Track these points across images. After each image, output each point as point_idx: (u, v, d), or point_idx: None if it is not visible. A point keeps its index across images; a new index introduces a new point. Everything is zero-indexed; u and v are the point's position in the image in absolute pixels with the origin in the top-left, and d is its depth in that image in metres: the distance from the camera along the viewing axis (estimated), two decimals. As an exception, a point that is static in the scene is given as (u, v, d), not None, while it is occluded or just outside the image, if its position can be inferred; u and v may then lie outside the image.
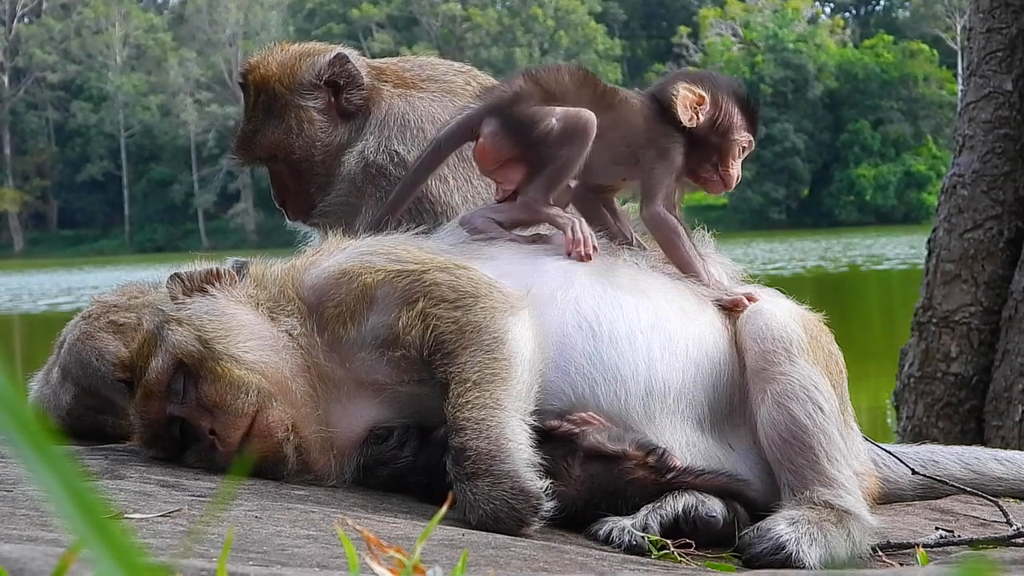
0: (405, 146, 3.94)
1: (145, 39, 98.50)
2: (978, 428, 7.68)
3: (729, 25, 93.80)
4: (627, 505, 3.13)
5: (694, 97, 3.65)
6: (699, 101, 3.65)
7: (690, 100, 3.64)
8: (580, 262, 3.40)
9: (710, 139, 3.67)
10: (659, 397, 3.24)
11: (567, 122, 3.49)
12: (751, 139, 3.76)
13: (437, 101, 4.04)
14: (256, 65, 4.13)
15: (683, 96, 3.64)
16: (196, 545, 2.30)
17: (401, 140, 3.95)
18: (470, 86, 4.12)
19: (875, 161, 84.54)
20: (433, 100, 4.04)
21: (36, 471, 0.77)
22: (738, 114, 3.71)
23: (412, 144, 3.94)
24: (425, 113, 4.00)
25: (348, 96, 4.05)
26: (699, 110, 3.65)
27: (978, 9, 8.00)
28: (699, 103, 3.65)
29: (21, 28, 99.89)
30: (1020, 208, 7.82)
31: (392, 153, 3.93)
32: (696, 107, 3.65)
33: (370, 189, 3.94)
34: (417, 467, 3.19)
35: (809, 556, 2.96)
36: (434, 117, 3.97)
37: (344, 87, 4.04)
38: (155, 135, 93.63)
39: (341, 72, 4.04)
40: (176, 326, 3.20)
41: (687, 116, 3.63)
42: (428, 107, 4.01)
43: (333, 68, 4.04)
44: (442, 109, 4.00)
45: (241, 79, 4.20)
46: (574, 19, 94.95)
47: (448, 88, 4.10)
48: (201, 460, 3.20)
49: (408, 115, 3.99)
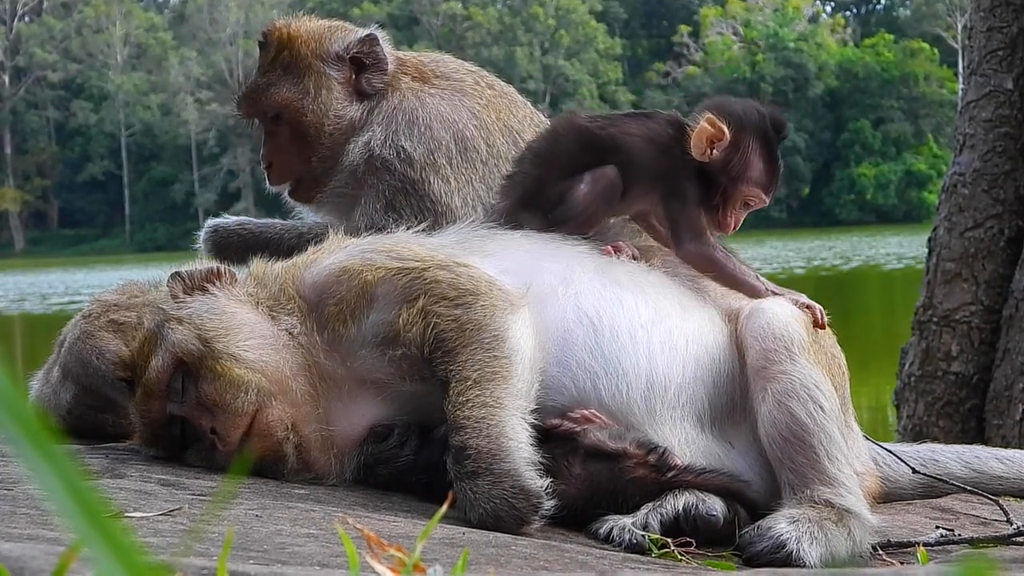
0: (411, 142, 3.94)
1: (146, 38, 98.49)
2: (978, 427, 7.67)
3: (730, 24, 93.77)
4: (627, 504, 3.13)
5: (714, 131, 3.51)
6: (718, 136, 3.51)
7: (708, 134, 3.51)
8: (580, 259, 3.41)
9: (719, 178, 3.54)
10: (660, 392, 3.24)
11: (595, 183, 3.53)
12: (762, 197, 3.60)
13: (447, 100, 4.04)
14: (283, 26, 4.12)
15: (702, 127, 3.52)
16: (196, 544, 2.30)
17: (408, 136, 3.95)
18: (479, 86, 4.13)
19: (876, 160, 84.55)
20: (443, 98, 4.04)
21: (37, 470, 0.77)
22: (757, 165, 3.55)
23: (418, 141, 3.94)
24: (434, 111, 4.00)
25: (369, 77, 4.05)
26: (716, 145, 3.52)
27: (979, 8, 7.99)
28: (718, 138, 3.51)
29: (22, 27, 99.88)
30: (1021, 207, 7.81)
31: (399, 148, 3.93)
32: (714, 142, 3.52)
33: (371, 180, 3.94)
34: (417, 466, 3.19)
35: (810, 555, 2.96)
36: (442, 116, 3.98)
37: (368, 67, 4.05)
38: (156, 134, 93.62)
39: (369, 52, 4.05)
40: (176, 325, 3.20)
41: (700, 150, 3.52)
42: (438, 105, 4.02)
43: (363, 46, 4.05)
44: (451, 108, 4.01)
45: (262, 37, 4.16)
46: (575, 18, 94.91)
47: (458, 87, 4.10)
48: (201, 459, 3.19)
49: (418, 111, 4.00)
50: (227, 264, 3.47)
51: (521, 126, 4.10)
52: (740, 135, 3.53)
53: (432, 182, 3.87)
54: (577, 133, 3.63)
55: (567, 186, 3.56)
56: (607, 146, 3.58)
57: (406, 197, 3.89)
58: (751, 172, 3.54)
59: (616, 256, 3.50)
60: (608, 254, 3.51)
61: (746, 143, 3.53)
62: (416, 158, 3.90)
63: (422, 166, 3.91)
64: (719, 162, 3.53)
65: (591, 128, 3.63)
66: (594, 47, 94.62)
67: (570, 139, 3.62)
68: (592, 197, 3.53)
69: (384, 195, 3.89)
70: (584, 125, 3.65)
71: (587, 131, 3.62)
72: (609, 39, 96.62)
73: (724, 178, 3.54)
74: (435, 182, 3.87)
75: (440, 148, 3.95)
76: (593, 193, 3.53)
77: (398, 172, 3.90)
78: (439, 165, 3.92)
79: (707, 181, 3.55)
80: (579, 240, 3.52)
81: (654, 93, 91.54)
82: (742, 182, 3.54)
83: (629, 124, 3.65)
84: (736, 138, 3.52)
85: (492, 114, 4.06)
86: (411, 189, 3.90)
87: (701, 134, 3.52)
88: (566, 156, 3.60)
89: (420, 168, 3.91)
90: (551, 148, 3.64)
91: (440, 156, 3.93)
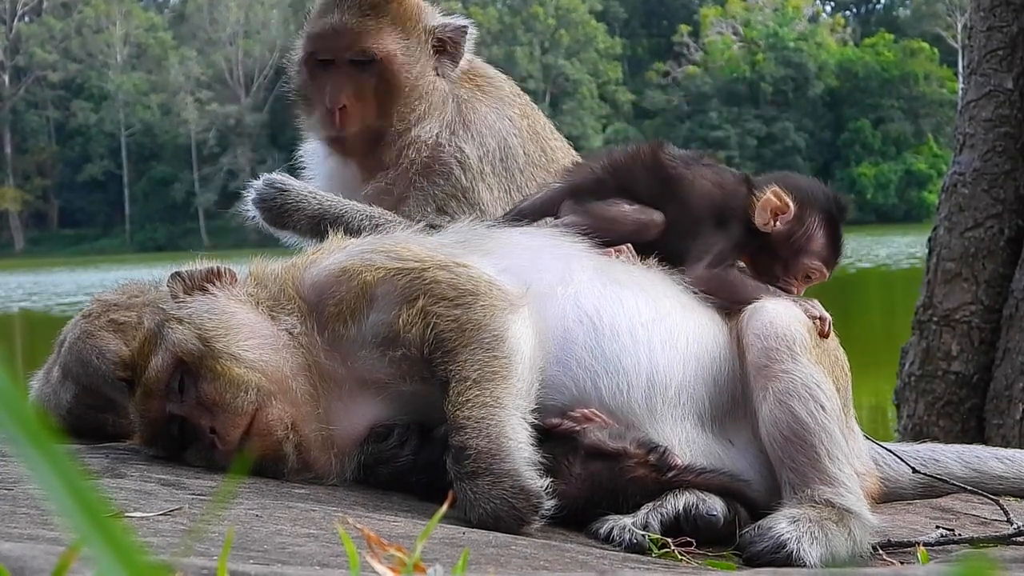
0: (470, 147, 3.97)
1: (146, 38, 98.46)
2: (979, 427, 7.67)
3: (730, 24, 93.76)
4: (628, 503, 3.13)
5: (779, 204, 3.61)
6: (782, 210, 3.61)
7: (773, 205, 3.61)
8: (580, 258, 3.41)
9: (780, 250, 3.64)
10: (661, 390, 3.24)
11: (638, 224, 3.59)
12: (824, 272, 3.69)
13: (494, 108, 4.08)
14: None
15: (767, 199, 3.61)
16: (197, 544, 2.30)
17: (466, 138, 3.98)
18: (513, 94, 4.18)
19: (876, 160, 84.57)
20: (490, 106, 4.08)
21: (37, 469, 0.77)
22: (821, 241, 3.65)
23: (474, 147, 3.97)
24: (484, 118, 4.04)
25: (440, 64, 4.03)
26: (780, 218, 3.61)
27: (979, 7, 7.99)
28: (782, 211, 3.61)
29: (22, 27, 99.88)
30: (1021, 206, 7.81)
31: (460, 152, 3.95)
32: (778, 214, 3.61)
33: (422, 183, 3.94)
34: (417, 465, 3.19)
35: (810, 555, 2.96)
36: (490, 125, 4.03)
37: (446, 54, 4.04)
38: (156, 134, 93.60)
39: (456, 42, 4.05)
40: (176, 325, 3.20)
41: (763, 220, 3.61)
42: (487, 113, 4.06)
43: (454, 33, 4.04)
44: (497, 117, 4.05)
45: None
46: (575, 18, 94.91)
47: (500, 95, 4.14)
48: (201, 459, 3.19)
49: (471, 115, 4.02)
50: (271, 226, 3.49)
51: (545, 132, 4.19)
52: (806, 210, 3.65)
53: (480, 191, 3.91)
54: (654, 166, 3.68)
55: (610, 204, 3.63)
56: (671, 187, 3.64)
57: (457, 203, 3.91)
58: (814, 246, 3.65)
59: (616, 256, 3.51)
60: (608, 254, 3.51)
61: (811, 219, 3.65)
62: (471, 164, 3.93)
63: (474, 174, 3.94)
64: (781, 235, 3.62)
65: (667, 167, 3.68)
66: (594, 47, 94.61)
67: (645, 167, 3.69)
68: (632, 220, 3.60)
69: (435, 199, 3.90)
70: (663, 162, 3.70)
71: (663, 169, 3.68)
72: (609, 38, 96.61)
73: (786, 251, 3.64)
74: (482, 191, 3.91)
75: (487, 156, 3.97)
76: (634, 218, 3.60)
77: (453, 177, 3.92)
78: (486, 173, 3.95)
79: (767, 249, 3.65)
80: (579, 239, 3.52)
81: (654, 93, 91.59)
82: (804, 255, 3.65)
83: (704, 170, 3.71)
84: (800, 213, 3.64)
85: (526, 122, 4.12)
86: (463, 196, 3.92)
87: (767, 204, 3.61)
88: (632, 180, 3.66)
89: (472, 176, 3.93)
90: (626, 166, 3.70)
91: (487, 164, 3.96)
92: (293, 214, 3.86)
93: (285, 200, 3.88)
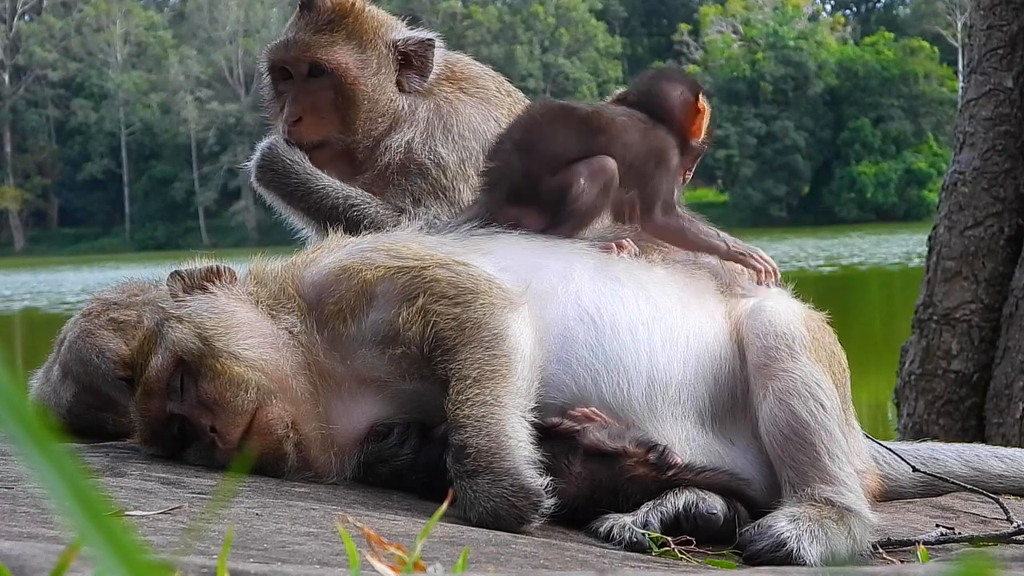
0: (447, 149, 3.96)
1: (146, 37, 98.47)
2: (979, 425, 7.67)
3: (730, 22, 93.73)
4: (628, 502, 3.13)
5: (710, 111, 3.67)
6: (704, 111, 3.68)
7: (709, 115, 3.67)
8: (580, 256, 3.41)
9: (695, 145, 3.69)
10: (661, 389, 3.24)
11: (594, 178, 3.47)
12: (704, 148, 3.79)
13: (478, 109, 4.07)
14: None
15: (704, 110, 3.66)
16: (197, 542, 2.30)
17: (444, 143, 3.98)
18: (500, 94, 4.16)
19: (876, 158, 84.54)
20: (474, 107, 4.07)
21: (37, 468, 0.77)
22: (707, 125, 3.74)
23: (452, 149, 3.96)
24: (467, 120, 4.03)
25: (410, 77, 4.04)
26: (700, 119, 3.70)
27: (979, 6, 7.99)
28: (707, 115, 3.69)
29: (22, 26, 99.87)
30: (1021, 205, 7.81)
31: (436, 154, 3.95)
32: None
33: (400, 180, 3.95)
34: (417, 464, 3.19)
35: (810, 553, 2.96)
36: (474, 127, 4.01)
37: (413, 68, 4.05)
38: (156, 133, 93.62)
39: (422, 55, 4.05)
40: (176, 323, 3.20)
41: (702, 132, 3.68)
42: (471, 115, 4.05)
43: (417, 47, 4.05)
44: (482, 119, 4.04)
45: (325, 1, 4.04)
46: (575, 16, 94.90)
47: (485, 95, 4.13)
48: (201, 457, 3.20)
49: (453, 119, 4.02)
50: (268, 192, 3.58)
51: None
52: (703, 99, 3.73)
53: (462, 191, 3.90)
54: (563, 119, 3.54)
55: (562, 180, 3.46)
56: (594, 128, 3.53)
57: (437, 201, 3.91)
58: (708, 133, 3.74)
59: (618, 253, 3.49)
60: (609, 251, 3.50)
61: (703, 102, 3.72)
62: (450, 166, 3.93)
63: (454, 175, 3.94)
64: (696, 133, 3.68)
65: (577, 112, 3.57)
66: (594, 45, 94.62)
67: (556, 126, 3.53)
68: (594, 196, 3.49)
69: (412, 192, 3.91)
70: (570, 108, 3.59)
71: (573, 115, 3.55)
72: (609, 37, 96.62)
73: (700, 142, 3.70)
74: (464, 191, 3.89)
75: (470, 159, 3.97)
76: (595, 191, 3.48)
77: (431, 177, 3.93)
78: (468, 175, 3.95)
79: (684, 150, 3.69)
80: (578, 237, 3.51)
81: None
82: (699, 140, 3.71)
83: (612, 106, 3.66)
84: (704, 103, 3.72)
85: None
86: (442, 196, 3.93)
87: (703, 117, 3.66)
88: (554, 146, 3.50)
89: (452, 177, 3.94)
90: (535, 138, 3.53)
91: (470, 166, 3.96)
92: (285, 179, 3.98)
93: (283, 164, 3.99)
